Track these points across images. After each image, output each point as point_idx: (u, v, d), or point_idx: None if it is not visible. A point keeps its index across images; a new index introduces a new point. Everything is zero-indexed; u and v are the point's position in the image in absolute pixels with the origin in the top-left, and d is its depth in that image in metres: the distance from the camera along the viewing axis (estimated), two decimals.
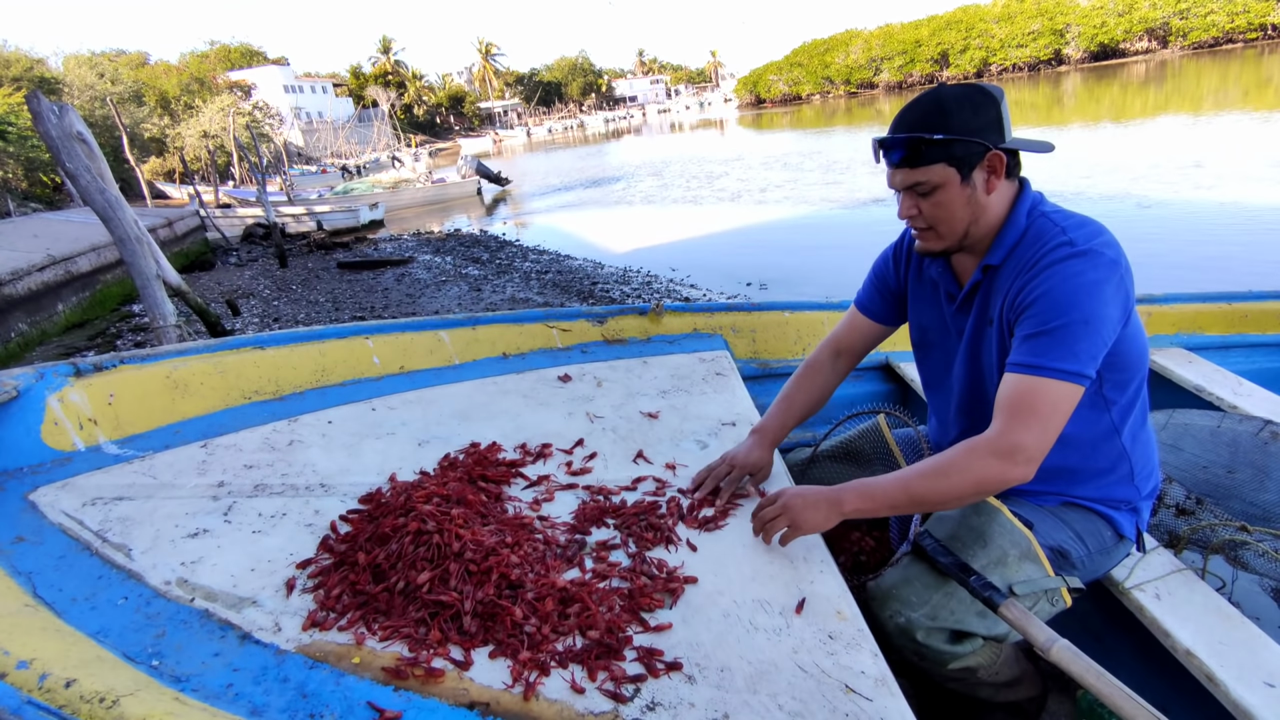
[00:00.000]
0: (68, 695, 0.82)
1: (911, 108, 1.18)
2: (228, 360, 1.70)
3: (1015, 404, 1.10)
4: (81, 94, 28.12)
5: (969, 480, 1.11)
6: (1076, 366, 1.08)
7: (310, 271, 10.30)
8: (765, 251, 9.01)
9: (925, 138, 1.14)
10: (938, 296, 1.39)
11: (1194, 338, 2.44)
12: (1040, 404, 1.08)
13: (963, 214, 1.20)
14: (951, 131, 1.13)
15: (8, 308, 6.64)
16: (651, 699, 0.95)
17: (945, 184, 1.17)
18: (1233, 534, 1.36)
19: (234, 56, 55.73)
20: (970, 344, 1.31)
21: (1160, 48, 43.95)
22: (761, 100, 61.01)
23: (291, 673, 0.97)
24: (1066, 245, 1.14)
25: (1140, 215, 8.26)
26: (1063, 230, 1.16)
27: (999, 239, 1.23)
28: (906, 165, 1.18)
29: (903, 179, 1.20)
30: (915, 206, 1.21)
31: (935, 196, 1.19)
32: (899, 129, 1.18)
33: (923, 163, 1.16)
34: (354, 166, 31.30)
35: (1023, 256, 1.19)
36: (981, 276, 1.26)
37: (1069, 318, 1.08)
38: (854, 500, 1.17)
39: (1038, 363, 1.09)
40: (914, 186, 1.19)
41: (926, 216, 1.21)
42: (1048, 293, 1.11)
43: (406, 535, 1.16)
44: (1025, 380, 1.10)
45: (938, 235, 1.24)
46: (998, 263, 1.23)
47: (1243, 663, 1.14)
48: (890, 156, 1.19)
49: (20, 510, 1.29)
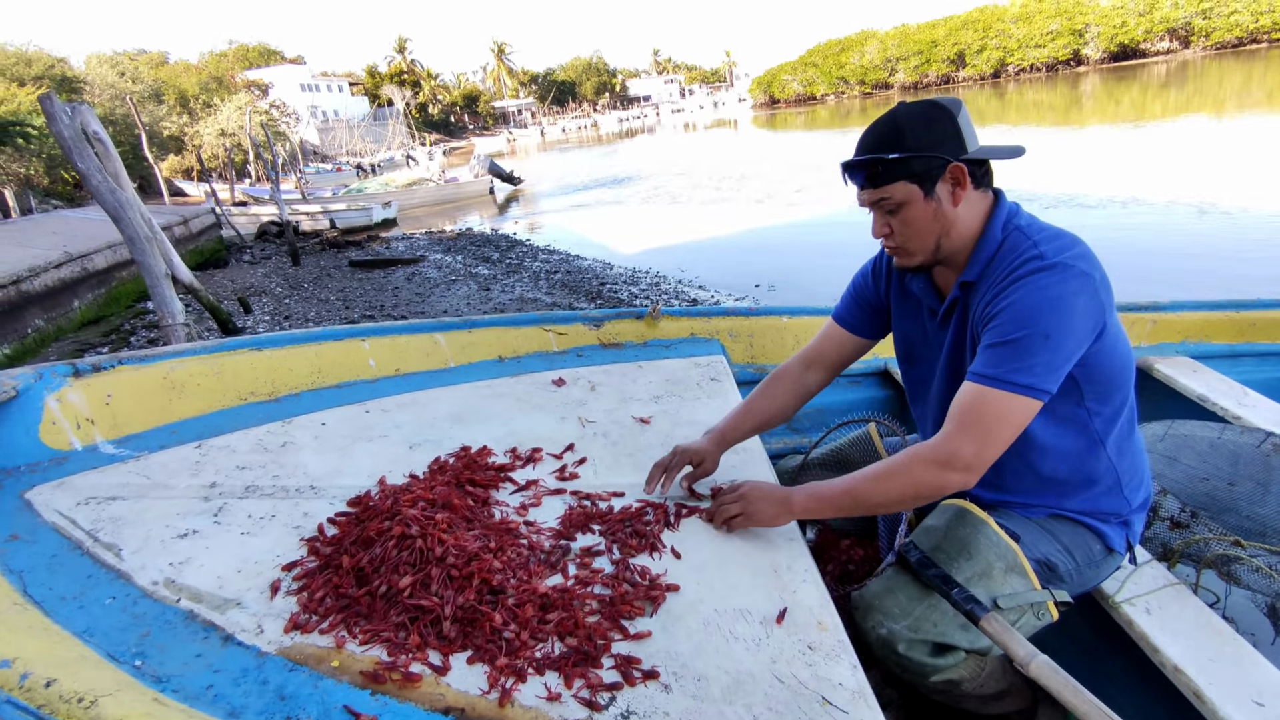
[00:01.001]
0: (47, 695, 0.84)
1: (870, 130, 1.22)
2: (225, 361, 1.72)
3: (963, 412, 1.12)
4: (102, 92, 28.53)
5: (907, 484, 1.14)
6: (1030, 380, 1.08)
7: (322, 270, 10.39)
8: (777, 254, 8.98)
9: (882, 157, 1.17)
10: (920, 311, 1.39)
11: (1201, 346, 2.41)
12: (987, 414, 1.10)
13: (931, 228, 1.22)
14: (907, 149, 1.16)
15: (25, 304, 6.75)
16: (627, 708, 0.95)
17: (909, 200, 1.20)
18: (1226, 548, 1.34)
19: (252, 55, 56.33)
20: (950, 358, 1.31)
21: (1182, 48, 43.38)
22: (775, 100, 60.82)
23: (271, 675, 0.98)
24: (1037, 259, 1.13)
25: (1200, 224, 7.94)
26: (1034, 244, 1.16)
27: (975, 254, 1.23)
28: (869, 185, 1.22)
29: (867, 198, 1.24)
30: (886, 225, 1.25)
31: (901, 214, 1.21)
32: (859, 152, 1.22)
33: (883, 181, 1.20)
34: (369, 165, 31.52)
35: (997, 270, 1.19)
36: (960, 293, 1.27)
37: (1029, 330, 1.09)
38: (802, 500, 1.24)
39: (991, 373, 1.11)
40: (879, 203, 1.23)
41: (897, 234, 1.25)
42: (1012, 305, 1.12)
43: (390, 539, 1.17)
44: (977, 390, 1.12)
45: (908, 251, 1.26)
46: (974, 278, 1.23)
47: (1232, 680, 1.12)
48: (854, 178, 1.24)
49: (16, 509, 1.31)
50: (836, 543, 1.55)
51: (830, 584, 1.44)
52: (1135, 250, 7.07)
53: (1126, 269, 6.41)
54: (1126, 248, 7.15)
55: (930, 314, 1.36)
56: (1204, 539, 1.37)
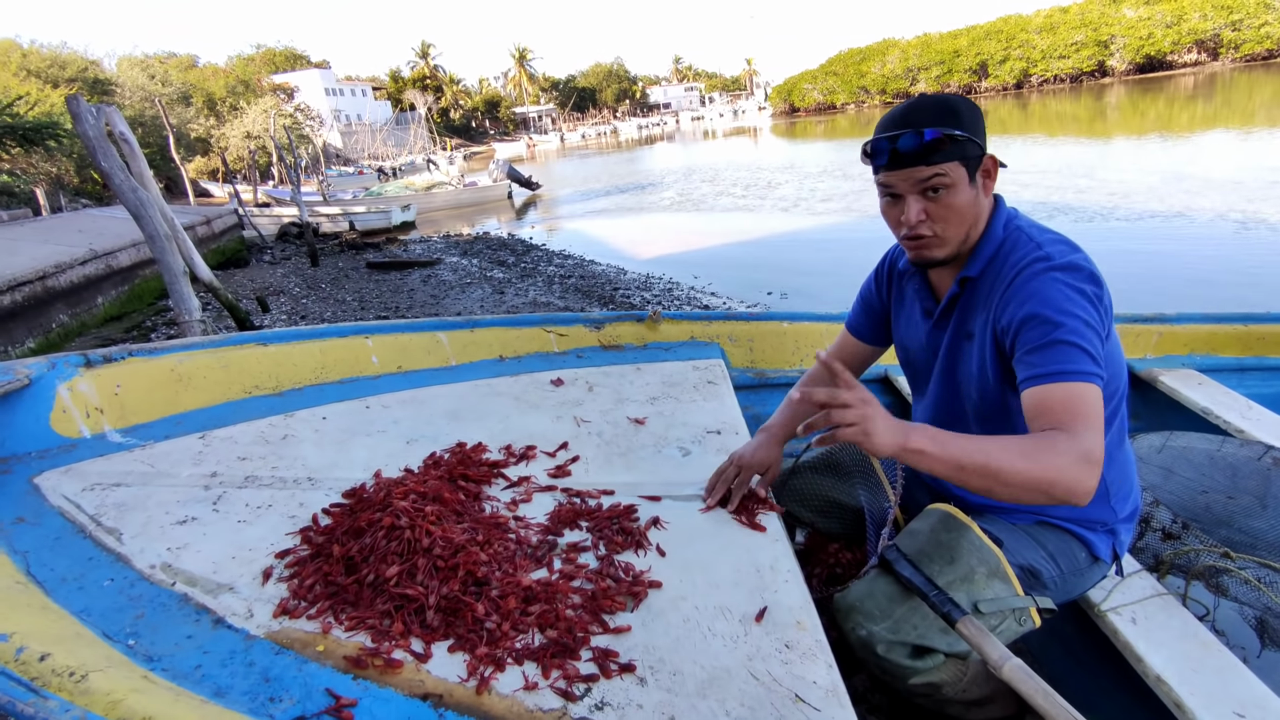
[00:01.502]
0: (40, 668, 0.87)
1: (915, 106, 1.16)
2: (231, 355, 1.76)
3: (1073, 413, 1.02)
4: (133, 94, 29.13)
5: (1053, 473, 0.98)
6: (1094, 369, 1.05)
7: (340, 271, 10.52)
8: (791, 263, 8.96)
9: (947, 131, 1.12)
10: (916, 314, 1.40)
11: (1207, 359, 2.39)
12: (1093, 411, 1.03)
13: (969, 216, 1.19)
14: (964, 129, 1.13)
15: (50, 299, 6.90)
16: (601, 699, 0.97)
17: (957, 184, 1.16)
18: (1215, 560, 1.33)
19: (278, 59, 57.27)
20: (946, 358, 1.31)
21: (1210, 60, 42.80)
22: (795, 109, 60.78)
23: (258, 657, 1.00)
24: (1043, 260, 1.14)
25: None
26: (1038, 245, 1.17)
27: (977, 250, 1.23)
28: (921, 161, 1.14)
29: (915, 177, 1.15)
30: (924, 210, 1.18)
31: (946, 197, 1.16)
32: (913, 124, 1.13)
33: (939, 159, 1.13)
34: (390, 168, 31.89)
35: (1000, 269, 1.20)
36: (959, 290, 1.27)
37: (1073, 322, 1.07)
38: (920, 439, 1.02)
39: (1069, 369, 1.04)
40: (929, 181, 1.15)
41: (934, 219, 1.18)
42: (1043, 302, 1.10)
43: (380, 530, 1.20)
44: (1068, 388, 1.04)
45: (941, 241, 1.20)
46: (975, 274, 1.23)
47: (1213, 691, 1.12)
48: (906, 150, 1.14)
49: (24, 493, 1.35)
50: (825, 546, 1.55)
51: (817, 587, 1.46)
52: (1159, 260, 7.00)
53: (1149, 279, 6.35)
54: (1159, 259, 7.07)
55: (925, 315, 1.37)
56: (1194, 550, 1.37)
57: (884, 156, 1.17)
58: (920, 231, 1.20)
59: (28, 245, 8.02)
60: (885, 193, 1.22)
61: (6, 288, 6.23)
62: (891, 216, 1.24)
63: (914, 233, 1.20)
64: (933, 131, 1.12)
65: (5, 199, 15.62)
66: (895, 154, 1.15)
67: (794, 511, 1.56)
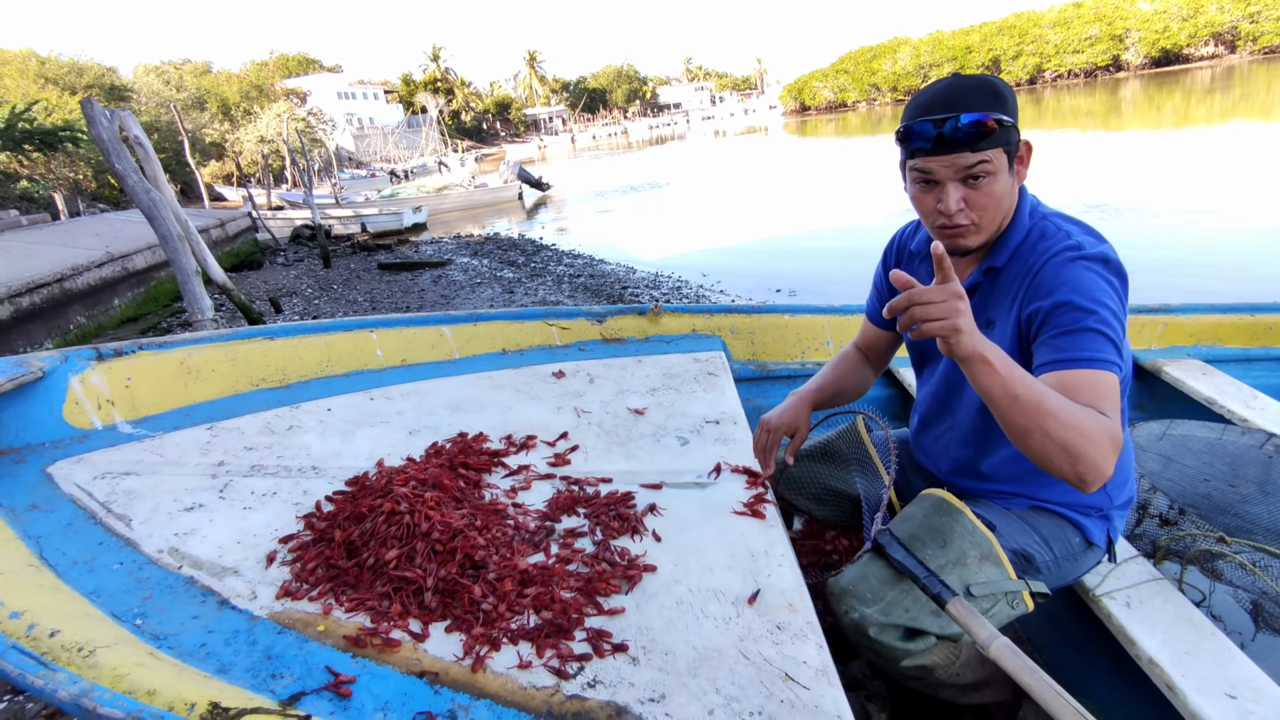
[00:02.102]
0: (50, 644, 0.90)
1: (963, 88, 1.11)
2: (239, 349, 1.80)
3: (1103, 399, 1.01)
4: (149, 100, 29.51)
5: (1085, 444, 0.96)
6: (1119, 359, 1.06)
7: (352, 272, 10.61)
8: (800, 259, 8.95)
9: (999, 117, 1.08)
10: None
11: (1213, 350, 2.37)
12: (1117, 398, 1.03)
13: (1005, 204, 1.16)
14: (1009, 114, 1.10)
15: (68, 301, 7.02)
16: (593, 677, 0.99)
17: (999, 171, 1.12)
18: (1210, 544, 1.33)
19: (292, 64, 57.81)
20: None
21: (1228, 52, 42.24)
22: (807, 107, 60.59)
23: (260, 637, 1.03)
24: (1075, 249, 1.13)
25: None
26: (1068, 234, 1.16)
27: (1004, 240, 1.21)
28: (967, 148, 1.09)
29: (960, 164, 1.11)
30: (964, 198, 1.14)
31: (987, 184, 1.12)
32: (959, 107, 1.09)
33: (986, 145, 1.09)
34: (402, 171, 32.09)
35: (1028, 259, 1.17)
36: (982, 278, 1.25)
37: (1104, 312, 1.06)
38: (996, 354, 0.98)
39: (1098, 357, 1.04)
40: (973, 169, 1.11)
41: (975, 207, 1.14)
42: (1075, 290, 1.08)
43: (380, 515, 1.22)
44: (1097, 375, 1.03)
45: (978, 229, 1.17)
46: (1002, 265, 1.21)
47: (1206, 673, 1.12)
48: (954, 136, 1.09)
49: (38, 481, 1.39)
50: (822, 533, 1.56)
51: (814, 573, 1.47)
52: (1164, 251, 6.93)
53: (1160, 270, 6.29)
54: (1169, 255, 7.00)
55: None
56: (1190, 535, 1.37)
57: (927, 140, 1.12)
58: (959, 220, 1.16)
59: (46, 249, 8.16)
60: (920, 179, 1.17)
61: (26, 290, 6.35)
62: (925, 204, 1.19)
63: (953, 222, 1.16)
64: (982, 115, 1.08)
65: (25, 204, 15.89)
66: (941, 138, 1.11)
67: (791, 499, 1.57)
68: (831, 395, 1.53)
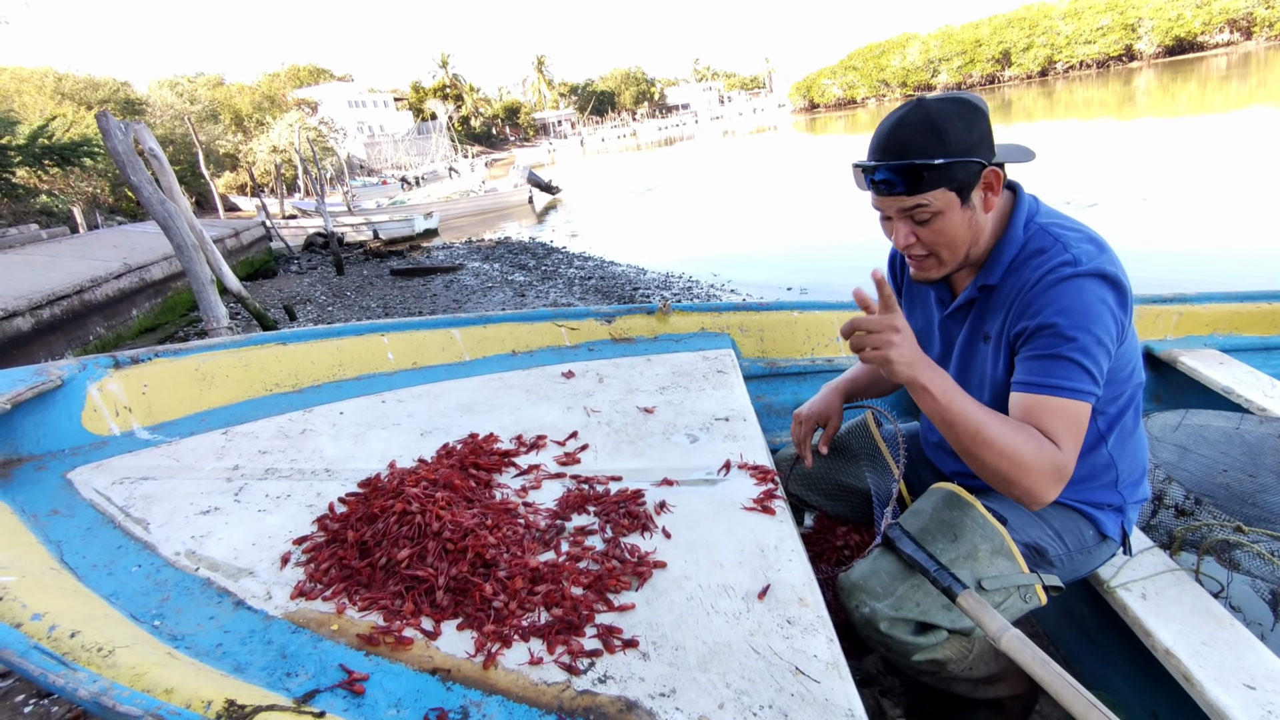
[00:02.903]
0: (71, 644, 0.92)
1: (898, 127, 1.10)
2: (252, 355, 1.82)
3: (1064, 429, 1.06)
4: (163, 113, 29.92)
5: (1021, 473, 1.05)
6: (1091, 387, 1.07)
7: (365, 278, 10.70)
8: (811, 258, 8.93)
9: (928, 163, 1.07)
10: (929, 301, 1.40)
11: (1230, 339, 2.34)
12: (1080, 430, 1.08)
13: (964, 237, 1.16)
14: (951, 153, 1.07)
15: (87, 312, 7.13)
16: (604, 673, 0.99)
17: (946, 209, 1.12)
18: (1227, 534, 1.31)
19: (303, 75, 58.40)
20: (961, 356, 1.31)
21: (1244, 39, 41.64)
22: (815, 105, 60.40)
23: (275, 636, 1.05)
24: (1070, 264, 1.10)
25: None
26: (1064, 246, 1.13)
27: (995, 256, 1.20)
28: (904, 192, 1.11)
29: (897, 205, 1.13)
30: (912, 235, 1.16)
31: (935, 224, 1.13)
32: (889, 154, 1.10)
33: (923, 189, 1.10)
34: (413, 178, 32.28)
35: (1023, 274, 1.16)
36: (977, 294, 1.25)
37: (1084, 337, 1.06)
38: (931, 381, 1.07)
39: (1071, 387, 1.07)
40: (912, 212, 1.13)
41: (926, 243, 1.16)
42: (1061, 311, 1.08)
43: (392, 515, 1.24)
44: (1065, 404, 1.07)
45: (939, 262, 1.19)
46: (995, 282, 1.20)
47: (1223, 664, 1.11)
48: (883, 182, 1.12)
49: (58, 487, 1.42)
50: (833, 529, 1.56)
51: (825, 569, 1.47)
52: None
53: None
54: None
55: (940, 304, 1.36)
56: (1206, 525, 1.35)
57: (866, 183, 1.16)
58: (913, 253, 1.20)
59: (65, 261, 8.29)
60: (879, 214, 1.21)
61: (46, 302, 6.45)
62: (889, 234, 1.22)
63: (908, 254, 1.21)
64: (903, 165, 1.09)
65: (45, 218, 16.16)
66: (875, 184, 1.14)
67: (802, 495, 1.57)
68: (865, 386, 1.54)
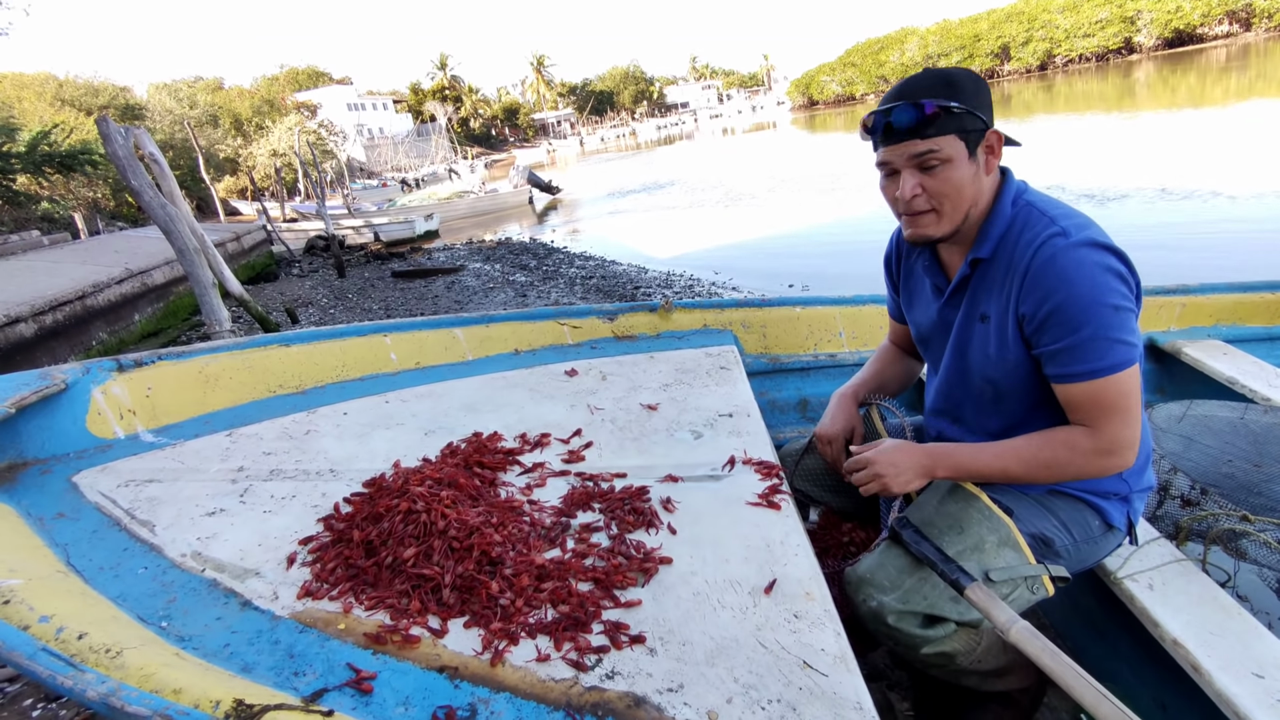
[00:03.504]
0: (79, 645, 0.92)
1: (915, 80, 1.14)
2: (255, 357, 1.82)
3: (1099, 409, 1.12)
4: (162, 118, 29.96)
5: (1071, 474, 1.17)
6: (1126, 354, 1.09)
7: (366, 281, 10.70)
8: (812, 254, 8.92)
9: (943, 104, 1.10)
10: (925, 290, 1.39)
11: (1234, 329, 2.34)
12: (1120, 400, 1.11)
13: (968, 192, 1.17)
14: (964, 103, 1.11)
15: (90, 318, 7.14)
16: (612, 669, 0.99)
17: (955, 159, 1.14)
18: (1233, 523, 1.31)
19: (301, 78, 58.42)
20: (957, 338, 1.31)
21: (1243, 30, 41.53)
22: (814, 102, 60.34)
23: (283, 636, 1.05)
24: (1060, 235, 1.12)
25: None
26: (1052, 220, 1.15)
27: (985, 229, 1.21)
28: (915, 135, 1.13)
29: (910, 151, 1.15)
30: (919, 185, 1.16)
31: (943, 172, 1.14)
32: (908, 97, 1.13)
33: (934, 132, 1.12)
34: (413, 180, 32.27)
35: (1013, 250, 1.17)
36: (970, 271, 1.25)
37: (1098, 312, 1.08)
38: (946, 472, 1.24)
39: (1101, 366, 1.09)
40: (922, 157, 1.14)
41: (931, 195, 1.17)
42: (1069, 294, 1.09)
43: (398, 515, 1.24)
44: (1098, 385, 1.11)
45: (939, 217, 1.19)
46: (987, 255, 1.21)
47: (1232, 653, 1.10)
48: (900, 125, 1.13)
49: (64, 490, 1.42)
50: (838, 525, 1.56)
51: (831, 565, 1.46)
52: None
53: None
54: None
55: (936, 292, 1.36)
56: (1212, 515, 1.35)
57: (879, 129, 1.17)
58: (916, 206, 1.18)
59: (67, 267, 8.31)
60: (884, 170, 1.22)
61: (49, 308, 6.46)
62: (889, 193, 1.23)
63: (910, 208, 1.19)
64: (928, 104, 1.11)
65: (46, 224, 16.19)
66: (889, 128, 1.15)
67: (807, 490, 1.57)
68: (873, 390, 1.56)
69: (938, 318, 1.37)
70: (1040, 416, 1.23)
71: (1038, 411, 1.23)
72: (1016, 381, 1.23)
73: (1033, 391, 1.23)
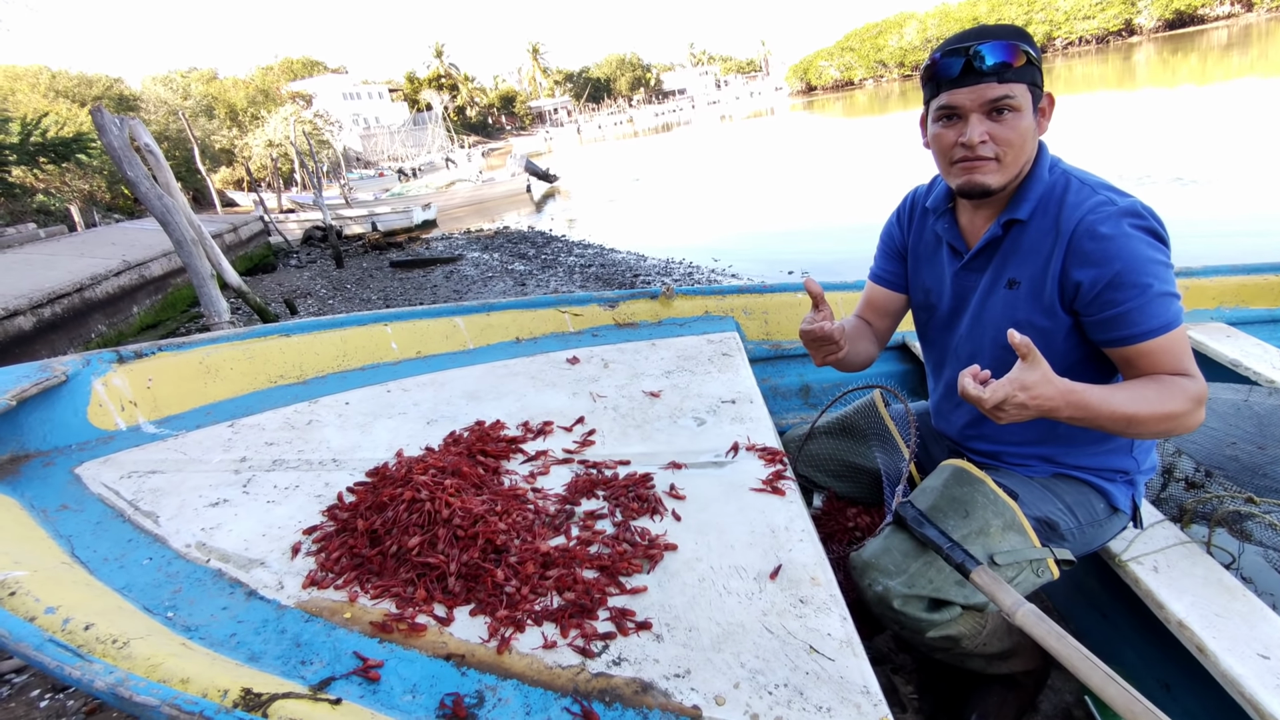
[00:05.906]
0: (85, 636, 0.92)
1: (989, 28, 1.13)
2: (256, 347, 1.81)
3: (1182, 358, 1.11)
4: (157, 109, 29.77)
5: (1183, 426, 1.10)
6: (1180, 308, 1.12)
7: (364, 271, 10.67)
8: (811, 239, 8.89)
9: (1028, 50, 1.11)
10: (940, 255, 1.36)
11: (1238, 312, 2.33)
12: (1189, 350, 1.12)
13: (1028, 146, 1.16)
14: (1036, 54, 1.12)
15: (88, 310, 7.12)
16: (618, 655, 0.99)
17: (1023, 109, 1.13)
18: (1238, 505, 1.31)
19: (296, 68, 58.01)
20: (979, 304, 1.28)
21: (1245, 11, 41.22)
22: (813, 88, 59.97)
23: (289, 625, 1.05)
24: (1109, 204, 1.13)
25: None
26: (1094, 189, 1.16)
27: (1023, 192, 1.20)
28: (995, 77, 1.10)
29: (986, 95, 1.12)
30: (987, 132, 1.14)
31: (1013, 119, 1.13)
32: (990, 38, 1.11)
33: (1013, 78, 1.11)
34: (409, 169, 32.12)
35: (1057, 215, 1.16)
36: (1002, 233, 1.22)
37: (1158, 271, 1.09)
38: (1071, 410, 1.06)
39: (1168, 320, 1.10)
40: (998, 101, 1.11)
41: (998, 141, 1.14)
42: (1130, 261, 1.09)
43: (401, 504, 1.23)
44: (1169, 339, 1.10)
45: (1000, 166, 1.16)
46: (1025, 217, 1.19)
47: (1237, 634, 1.11)
48: (988, 63, 1.10)
49: (66, 482, 1.42)
50: (843, 510, 1.56)
51: (836, 550, 1.46)
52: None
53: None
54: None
55: (954, 256, 1.32)
56: (1217, 497, 1.35)
57: (955, 69, 1.12)
58: (982, 152, 1.14)
59: (64, 259, 8.28)
60: (944, 115, 1.17)
61: (46, 300, 6.44)
62: (946, 140, 1.17)
63: (974, 153, 1.15)
64: (1012, 46, 1.10)
65: (42, 217, 16.11)
66: (969, 67, 1.11)
67: (811, 476, 1.57)
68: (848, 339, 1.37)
69: (952, 282, 1.33)
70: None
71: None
72: (1046, 352, 1.20)
73: (1053, 362, 1.20)
